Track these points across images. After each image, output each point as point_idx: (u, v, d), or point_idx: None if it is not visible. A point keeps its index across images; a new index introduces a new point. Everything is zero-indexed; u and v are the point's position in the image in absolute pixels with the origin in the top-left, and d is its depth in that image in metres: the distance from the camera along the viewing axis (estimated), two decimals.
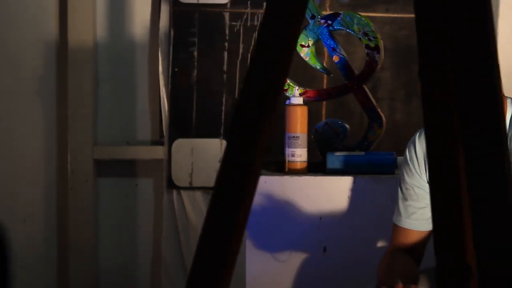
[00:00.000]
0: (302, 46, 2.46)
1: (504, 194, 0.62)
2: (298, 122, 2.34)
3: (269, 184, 2.31)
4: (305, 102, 2.40)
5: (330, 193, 2.31)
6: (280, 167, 2.39)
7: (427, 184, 1.96)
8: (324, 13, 2.52)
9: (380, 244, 2.30)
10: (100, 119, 3.34)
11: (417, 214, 1.99)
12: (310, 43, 2.45)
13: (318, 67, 2.48)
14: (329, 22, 2.42)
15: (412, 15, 0.70)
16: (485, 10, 0.61)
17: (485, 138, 0.62)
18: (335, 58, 2.44)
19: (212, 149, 3.25)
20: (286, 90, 2.48)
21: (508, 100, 1.96)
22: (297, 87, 2.47)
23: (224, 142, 3.31)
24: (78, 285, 3.29)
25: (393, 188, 2.11)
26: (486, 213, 0.63)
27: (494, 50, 0.61)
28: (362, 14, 2.43)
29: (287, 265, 2.32)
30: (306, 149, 2.35)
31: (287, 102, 2.37)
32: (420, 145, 1.97)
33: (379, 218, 2.27)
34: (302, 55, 2.47)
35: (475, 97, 0.62)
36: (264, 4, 0.69)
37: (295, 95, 2.44)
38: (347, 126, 2.49)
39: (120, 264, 3.40)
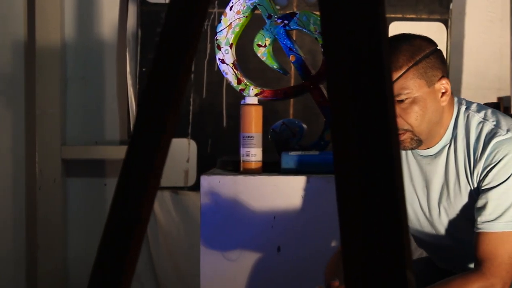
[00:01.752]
0: (259, 45, 2.45)
1: (392, 205, 0.63)
2: (253, 122, 2.33)
3: (223, 184, 2.31)
4: (261, 102, 2.40)
5: (284, 193, 2.31)
6: (237, 167, 2.39)
7: None
8: (285, 12, 2.51)
9: (334, 243, 2.30)
10: (69, 118, 3.35)
11: None
12: (267, 42, 2.45)
13: (275, 67, 2.47)
14: (286, 21, 2.42)
15: None
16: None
17: (372, 142, 0.62)
18: (292, 58, 2.44)
19: (180, 149, 3.25)
20: (243, 90, 2.48)
21: (455, 99, 1.93)
22: (252, 87, 2.47)
23: (192, 142, 3.31)
24: (47, 284, 3.30)
25: None
26: (374, 216, 0.63)
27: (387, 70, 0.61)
28: None
29: (241, 265, 2.32)
30: (261, 149, 2.35)
31: (242, 102, 2.36)
32: None
33: (333, 218, 2.27)
34: (259, 54, 2.45)
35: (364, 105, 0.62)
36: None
37: (250, 95, 2.44)
38: (304, 126, 2.49)
39: (89, 264, 3.40)
